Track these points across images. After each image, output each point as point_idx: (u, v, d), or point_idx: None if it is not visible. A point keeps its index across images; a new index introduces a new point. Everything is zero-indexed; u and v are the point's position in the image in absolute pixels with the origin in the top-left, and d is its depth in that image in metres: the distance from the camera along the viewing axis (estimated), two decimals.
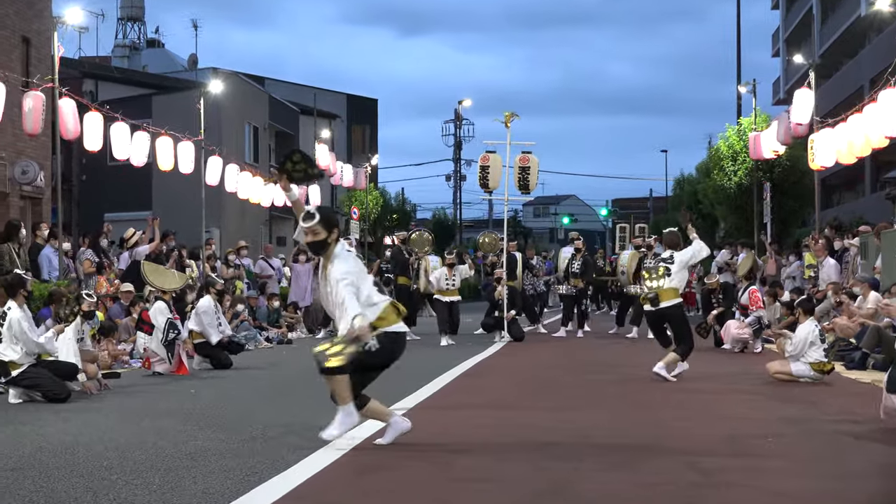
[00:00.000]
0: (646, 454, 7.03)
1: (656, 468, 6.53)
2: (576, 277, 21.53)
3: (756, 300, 16.83)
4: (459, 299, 20.05)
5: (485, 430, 8.18)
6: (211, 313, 14.85)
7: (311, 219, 7.11)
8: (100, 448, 7.35)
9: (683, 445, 7.42)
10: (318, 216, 7.12)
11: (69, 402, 10.28)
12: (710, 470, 6.44)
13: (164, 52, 56.91)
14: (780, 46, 61.33)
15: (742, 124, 31.33)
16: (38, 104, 16.88)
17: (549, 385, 12.01)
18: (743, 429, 8.23)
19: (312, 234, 7.11)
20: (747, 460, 6.84)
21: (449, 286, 19.65)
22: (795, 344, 11.78)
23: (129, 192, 33.71)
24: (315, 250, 7.22)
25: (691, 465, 6.61)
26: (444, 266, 19.98)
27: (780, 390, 11.22)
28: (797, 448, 7.45)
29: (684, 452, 7.09)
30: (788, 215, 30.94)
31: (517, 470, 6.46)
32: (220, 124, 32.75)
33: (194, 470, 6.43)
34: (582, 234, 23.83)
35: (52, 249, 17.18)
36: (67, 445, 7.48)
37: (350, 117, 55.25)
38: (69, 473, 6.38)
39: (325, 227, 7.10)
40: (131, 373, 13.71)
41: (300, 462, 6.65)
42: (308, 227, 7.11)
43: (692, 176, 45.83)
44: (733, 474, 6.35)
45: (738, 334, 16.74)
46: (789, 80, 55.14)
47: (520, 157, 20.25)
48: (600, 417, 9.04)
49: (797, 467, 6.67)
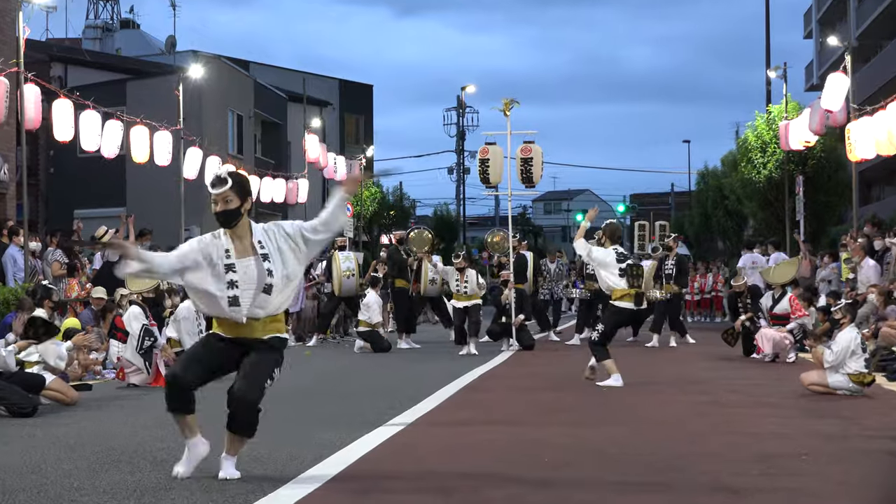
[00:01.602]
0: (668, 473, 7.00)
1: (680, 489, 6.51)
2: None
3: (798, 307, 16.80)
4: (479, 303, 19.52)
5: (492, 449, 8.15)
6: (192, 319, 14.81)
7: (222, 184, 6.69)
8: (68, 467, 7.33)
9: (710, 464, 7.39)
10: (229, 181, 6.70)
11: (35, 417, 10.26)
12: (739, 491, 6.42)
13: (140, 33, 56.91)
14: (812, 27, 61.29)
15: (772, 112, 31.37)
16: (1, 90, 16.86)
17: (561, 398, 11.98)
18: (775, 446, 8.20)
19: (223, 202, 6.69)
20: (780, 480, 6.81)
21: (461, 290, 19.32)
22: (836, 353, 11.69)
23: (101, 187, 33.73)
24: (225, 222, 6.75)
25: (718, 485, 6.58)
26: (454, 268, 19.55)
27: (816, 404, 11.19)
28: (834, 468, 7.42)
29: (710, 472, 7.06)
30: (823, 211, 30.96)
31: (529, 493, 6.44)
32: (200, 112, 32.79)
33: (173, 492, 6.41)
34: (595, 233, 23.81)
35: (17, 249, 17.14)
36: (34, 464, 7.46)
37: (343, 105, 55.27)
38: (36, 495, 6.36)
39: (238, 195, 6.73)
40: (104, 384, 13.70)
41: (289, 483, 6.64)
42: (218, 193, 6.69)
43: (717, 169, 45.86)
44: (764, 496, 6.32)
45: (780, 337, 16.52)
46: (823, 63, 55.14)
47: (521, 148, 20.17)
48: (618, 433, 9.01)
49: (834, 489, 6.65)
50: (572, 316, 28.26)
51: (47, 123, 18.40)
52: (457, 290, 19.40)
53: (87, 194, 33.91)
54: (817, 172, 29.94)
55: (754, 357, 17.01)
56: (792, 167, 28.93)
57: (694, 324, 25.17)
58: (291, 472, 7.04)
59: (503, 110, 19.81)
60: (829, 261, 22.34)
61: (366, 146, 46.40)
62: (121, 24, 59.77)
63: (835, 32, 40.32)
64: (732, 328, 18.07)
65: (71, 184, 34.50)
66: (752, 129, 31.91)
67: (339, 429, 8.90)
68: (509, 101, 19.85)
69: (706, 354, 18.07)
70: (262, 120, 43.07)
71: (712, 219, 45.06)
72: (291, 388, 12.93)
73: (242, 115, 40.27)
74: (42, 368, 11.35)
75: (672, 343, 20.17)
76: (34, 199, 31.56)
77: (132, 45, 51.53)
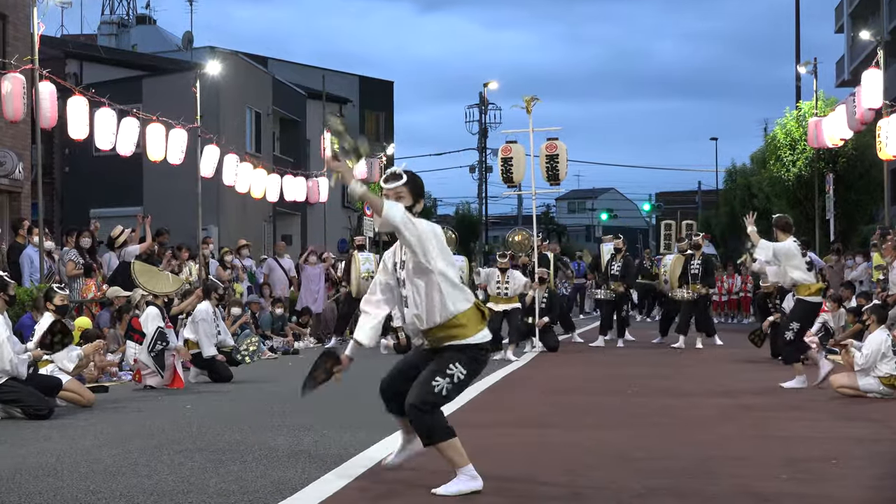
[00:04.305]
0: (695, 478, 7.00)
1: (707, 494, 6.51)
2: (615, 281, 21.52)
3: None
4: (518, 306, 18.89)
5: (517, 451, 8.17)
6: (210, 321, 14.85)
7: (396, 179, 6.53)
8: (85, 470, 7.37)
9: (737, 469, 7.39)
10: (404, 177, 6.53)
11: (51, 419, 10.32)
12: (768, 496, 6.41)
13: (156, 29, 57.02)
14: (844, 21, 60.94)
15: (802, 109, 31.24)
16: (18, 87, 16.93)
17: (586, 401, 11.99)
18: (804, 450, 8.19)
19: (395, 197, 6.47)
20: (809, 486, 6.80)
21: (501, 292, 18.60)
22: (867, 356, 11.64)
23: (117, 186, 33.78)
24: None
25: (746, 490, 6.58)
26: (497, 269, 18.85)
27: (846, 407, 11.16)
28: (865, 472, 7.40)
29: (738, 476, 7.06)
30: (854, 210, 30.84)
31: (555, 496, 6.45)
32: (218, 109, 32.81)
33: (191, 495, 6.44)
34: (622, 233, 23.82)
35: (34, 249, 17.19)
36: (49, 467, 7.50)
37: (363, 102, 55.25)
38: (51, 498, 6.40)
39: (411, 193, 6.54)
40: (121, 386, 13.77)
41: (306, 487, 6.66)
42: (391, 188, 6.50)
43: (746, 166, 45.73)
44: (792, 501, 6.32)
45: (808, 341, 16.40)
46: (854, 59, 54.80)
47: (546, 145, 20.23)
48: (644, 437, 9.01)
49: (865, 494, 6.64)
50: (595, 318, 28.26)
51: (62, 121, 18.45)
52: (497, 293, 18.62)
53: (103, 193, 33.96)
54: (848, 170, 29.83)
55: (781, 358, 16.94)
56: (822, 165, 28.84)
57: (720, 325, 25.11)
58: (313, 473, 7.07)
59: (526, 107, 19.85)
60: (861, 260, 22.25)
61: (386, 144, 46.39)
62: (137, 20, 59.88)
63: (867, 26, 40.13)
64: (760, 329, 18.02)
65: (86, 183, 34.57)
66: (782, 125, 31.82)
67: (361, 431, 8.92)
68: (531, 99, 19.89)
69: (733, 356, 18.03)
70: (281, 117, 43.08)
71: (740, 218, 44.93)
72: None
73: (261, 112, 40.30)
74: (56, 368, 11.42)
75: (698, 345, 20.13)
76: (49, 199, 31.66)
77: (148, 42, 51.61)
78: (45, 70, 17.47)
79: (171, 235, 21.76)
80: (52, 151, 33.96)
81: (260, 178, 25.54)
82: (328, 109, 42.41)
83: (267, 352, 18.79)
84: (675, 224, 28.83)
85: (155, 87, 34.70)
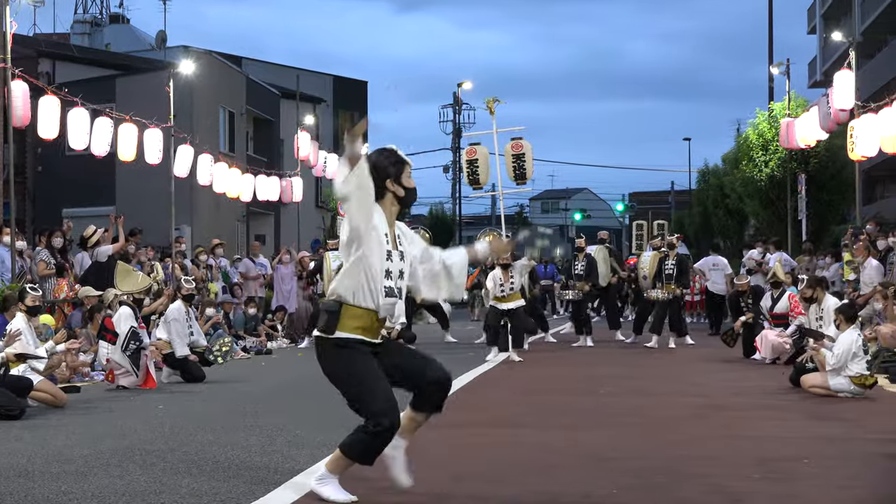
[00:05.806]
0: (666, 478, 7.02)
1: (678, 494, 6.53)
2: (580, 280, 21.45)
3: (797, 305, 16.75)
4: (522, 304, 18.22)
5: (489, 452, 8.18)
6: (182, 321, 14.83)
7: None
8: (56, 470, 7.34)
9: (709, 468, 7.41)
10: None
11: (23, 420, 10.27)
12: (739, 495, 6.44)
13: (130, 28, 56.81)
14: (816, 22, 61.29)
15: (774, 109, 31.35)
16: None
17: (559, 400, 12.00)
18: (775, 450, 8.22)
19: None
20: (780, 485, 6.83)
21: (504, 292, 17.88)
22: (838, 356, 11.71)
23: (90, 185, 33.65)
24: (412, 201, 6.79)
25: (718, 490, 6.60)
26: (498, 266, 17.80)
27: (817, 406, 11.21)
28: (837, 471, 7.44)
29: (710, 476, 7.09)
30: (826, 211, 30.98)
31: (525, 497, 6.46)
32: (191, 109, 32.72)
33: (163, 496, 6.42)
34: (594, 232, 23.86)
35: (6, 249, 17.11)
36: (20, 468, 7.47)
37: (337, 102, 55.17)
38: (22, 499, 6.37)
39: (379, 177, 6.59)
40: (93, 387, 13.71)
41: (279, 487, 6.65)
42: None
43: (718, 167, 45.83)
44: (764, 500, 6.34)
45: (779, 342, 16.51)
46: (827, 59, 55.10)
47: (511, 145, 20.36)
48: (617, 437, 9.03)
49: (837, 493, 6.66)
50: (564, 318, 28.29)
51: (35, 121, 18.36)
52: (501, 293, 17.82)
53: (76, 193, 33.81)
54: (820, 171, 29.94)
55: (754, 358, 17.03)
56: (794, 165, 28.94)
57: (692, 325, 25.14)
58: (285, 474, 7.06)
59: (488, 108, 20.01)
60: (832, 260, 22.34)
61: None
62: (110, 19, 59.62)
63: (839, 28, 40.36)
64: (732, 329, 18.09)
65: (59, 182, 34.41)
66: (754, 126, 31.90)
67: (332, 430, 8.89)
68: (493, 100, 20.06)
69: (705, 356, 18.08)
70: (255, 117, 43.00)
71: (713, 218, 45.06)
72: (284, 390, 13.00)
73: (234, 111, 40.22)
74: (27, 369, 11.35)
75: (671, 344, 20.17)
76: (21, 198, 31.47)
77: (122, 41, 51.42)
78: (18, 69, 17.35)
79: (144, 235, 21.68)
80: (24, 151, 33.77)
81: (234, 177, 25.46)
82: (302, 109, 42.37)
83: (240, 352, 18.73)
84: (647, 224, 28.94)
85: (128, 86, 34.59)
